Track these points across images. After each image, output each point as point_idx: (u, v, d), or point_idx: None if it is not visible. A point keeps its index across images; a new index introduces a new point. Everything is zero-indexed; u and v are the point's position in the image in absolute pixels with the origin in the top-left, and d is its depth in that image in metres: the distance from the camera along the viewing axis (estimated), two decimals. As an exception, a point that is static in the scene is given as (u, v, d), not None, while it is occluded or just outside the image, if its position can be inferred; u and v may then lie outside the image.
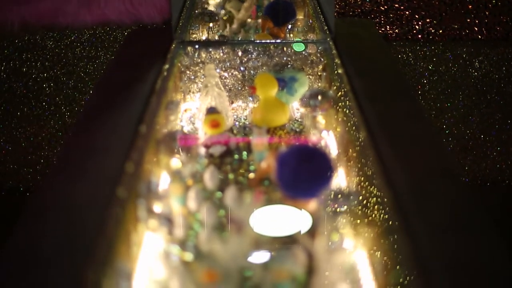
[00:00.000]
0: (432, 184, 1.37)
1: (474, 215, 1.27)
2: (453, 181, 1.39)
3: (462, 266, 1.12)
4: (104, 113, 1.71)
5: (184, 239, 1.61)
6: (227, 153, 2.00)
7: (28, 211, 1.29)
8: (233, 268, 1.38)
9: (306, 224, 1.54)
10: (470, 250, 1.17)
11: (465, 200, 1.32)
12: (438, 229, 1.22)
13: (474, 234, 1.21)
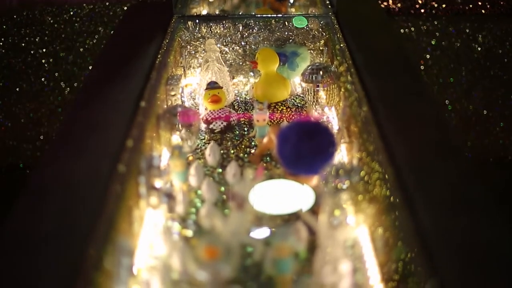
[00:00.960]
0: (434, 160, 1.36)
1: (477, 191, 1.27)
2: (456, 157, 1.38)
3: (463, 242, 1.12)
4: (104, 89, 1.70)
5: (185, 215, 1.60)
6: (227, 129, 1.99)
7: (28, 188, 1.29)
8: (234, 244, 1.38)
9: (308, 200, 1.53)
10: (472, 226, 1.16)
11: (468, 176, 1.31)
12: (440, 205, 1.22)
13: (476, 210, 1.21)
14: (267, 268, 1.40)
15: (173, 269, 1.41)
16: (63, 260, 1.08)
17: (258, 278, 1.39)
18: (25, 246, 1.12)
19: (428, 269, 1.06)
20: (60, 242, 1.13)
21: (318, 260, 1.33)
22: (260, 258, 1.44)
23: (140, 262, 1.42)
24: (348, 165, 1.47)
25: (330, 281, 1.31)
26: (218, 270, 1.26)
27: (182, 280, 1.36)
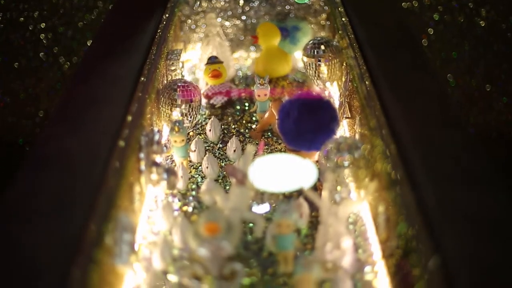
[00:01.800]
0: (436, 135, 1.35)
1: (479, 166, 1.25)
2: (458, 132, 1.37)
3: (466, 217, 1.11)
4: (103, 64, 1.68)
5: (185, 191, 1.60)
6: (228, 104, 1.98)
7: (27, 163, 1.28)
8: (234, 220, 1.37)
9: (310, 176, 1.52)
10: (475, 201, 1.15)
11: (470, 152, 1.30)
12: (443, 180, 1.20)
13: (479, 185, 1.20)
14: (268, 244, 1.40)
15: (174, 245, 1.40)
16: (63, 236, 1.07)
17: (259, 254, 1.38)
18: (24, 221, 1.11)
19: (431, 245, 1.05)
20: (60, 218, 1.12)
21: (320, 236, 1.32)
22: (261, 234, 1.43)
23: (140, 238, 1.42)
24: (350, 141, 1.46)
25: (332, 257, 1.31)
26: (218, 246, 1.25)
27: (183, 256, 1.35)
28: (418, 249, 1.06)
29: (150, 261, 1.36)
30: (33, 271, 1.00)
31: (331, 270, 1.31)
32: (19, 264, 1.02)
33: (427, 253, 1.04)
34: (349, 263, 1.31)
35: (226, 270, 1.27)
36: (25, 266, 1.01)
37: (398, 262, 1.16)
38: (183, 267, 1.31)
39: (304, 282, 1.14)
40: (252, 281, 1.28)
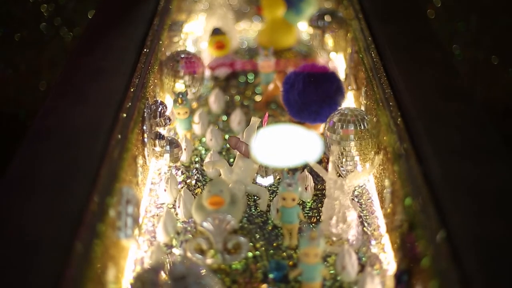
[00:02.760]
0: (443, 108, 1.33)
1: (486, 139, 1.24)
2: (465, 105, 1.35)
3: (472, 191, 1.10)
4: (106, 36, 1.66)
5: (189, 164, 1.59)
6: (232, 76, 1.96)
7: (29, 135, 1.27)
8: (238, 193, 1.36)
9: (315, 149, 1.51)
10: (481, 175, 1.14)
11: (477, 125, 1.28)
12: (449, 152, 1.19)
13: (485, 159, 1.18)
14: (272, 218, 1.39)
15: (177, 218, 1.39)
16: (65, 209, 1.07)
17: (264, 227, 1.37)
18: (26, 195, 1.11)
19: (437, 219, 1.04)
20: (62, 191, 1.11)
21: (325, 210, 1.31)
22: (265, 207, 1.42)
23: (144, 211, 1.41)
24: (356, 113, 1.45)
25: (337, 231, 1.30)
26: (222, 219, 1.24)
27: (186, 229, 1.35)
28: (423, 223, 1.05)
29: (153, 234, 1.35)
30: (36, 245, 0.99)
31: (336, 244, 1.30)
32: (22, 237, 1.01)
33: (432, 227, 1.03)
34: (354, 237, 1.31)
35: (230, 244, 1.26)
36: (28, 240, 1.00)
37: (404, 236, 1.15)
38: (186, 240, 1.31)
39: (309, 256, 1.13)
40: (256, 254, 1.28)
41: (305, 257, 1.14)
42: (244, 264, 1.26)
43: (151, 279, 1.01)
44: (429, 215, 1.05)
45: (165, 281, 1.01)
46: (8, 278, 0.94)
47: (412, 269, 1.09)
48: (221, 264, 1.25)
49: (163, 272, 1.02)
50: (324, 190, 1.33)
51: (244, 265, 1.26)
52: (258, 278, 1.24)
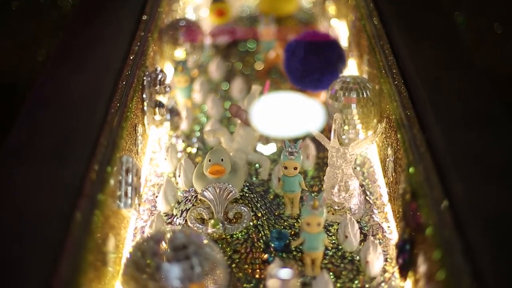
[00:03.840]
0: (446, 76, 1.32)
1: (489, 108, 1.23)
2: (468, 73, 1.34)
3: (475, 160, 1.09)
4: (104, 3, 1.64)
5: (189, 132, 1.57)
6: (233, 44, 1.94)
7: (29, 105, 1.25)
8: (240, 161, 1.35)
9: (317, 118, 1.50)
10: (484, 144, 1.13)
11: (480, 93, 1.27)
12: (452, 121, 1.18)
13: (489, 127, 1.17)
14: (274, 186, 1.38)
15: (178, 187, 1.38)
16: (65, 179, 1.06)
17: (265, 196, 1.36)
18: (25, 164, 1.10)
19: (440, 189, 1.03)
20: (62, 160, 1.10)
21: (327, 178, 1.30)
22: (266, 176, 1.41)
23: (144, 180, 1.40)
24: (358, 80, 1.43)
25: (339, 199, 1.29)
26: (223, 188, 1.23)
27: (187, 198, 1.34)
28: (426, 192, 1.04)
29: (154, 204, 1.34)
30: (35, 215, 0.98)
31: (338, 213, 1.29)
32: (21, 207, 1.00)
33: (436, 197, 1.02)
34: (356, 206, 1.30)
35: (231, 213, 1.25)
36: (27, 210, 1.00)
37: (406, 205, 1.14)
38: (187, 209, 1.30)
39: (311, 225, 1.12)
40: (257, 224, 1.27)
41: (307, 226, 1.13)
42: (245, 233, 1.26)
43: (151, 249, 1.01)
44: (432, 184, 1.04)
45: (166, 250, 1.00)
46: (8, 249, 0.93)
47: (415, 238, 1.08)
48: (222, 234, 1.24)
49: (164, 242, 1.01)
50: (326, 158, 1.32)
51: (245, 234, 1.25)
52: (260, 248, 1.23)
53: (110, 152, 1.14)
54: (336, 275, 1.18)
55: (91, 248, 0.97)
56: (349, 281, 1.17)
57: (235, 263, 1.20)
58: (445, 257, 0.93)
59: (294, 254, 1.22)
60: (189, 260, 0.99)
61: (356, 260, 1.21)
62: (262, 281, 1.16)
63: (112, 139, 1.17)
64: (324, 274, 1.12)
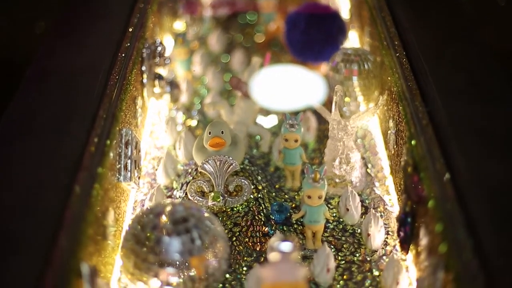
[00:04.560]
0: (449, 48, 1.31)
1: (492, 80, 1.22)
2: (471, 46, 1.32)
3: (478, 132, 1.08)
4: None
5: (189, 105, 1.56)
6: (233, 16, 1.92)
7: (28, 78, 1.24)
8: (240, 133, 1.34)
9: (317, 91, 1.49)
10: (487, 115, 1.12)
11: (483, 65, 1.26)
12: (455, 94, 1.17)
13: (492, 99, 1.16)
14: (274, 159, 1.37)
15: (178, 160, 1.38)
16: (64, 152, 1.05)
17: (266, 169, 1.36)
18: (25, 138, 1.09)
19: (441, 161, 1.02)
20: (61, 133, 1.09)
21: (328, 151, 1.29)
22: (267, 149, 1.40)
23: (144, 153, 1.39)
24: (359, 52, 1.42)
25: (340, 172, 1.28)
26: (223, 161, 1.22)
27: (187, 171, 1.33)
28: (428, 165, 1.03)
29: (154, 177, 1.34)
30: (35, 188, 0.98)
31: (339, 186, 1.29)
32: (21, 180, 1.00)
33: (437, 169, 1.01)
34: (357, 179, 1.29)
35: (232, 186, 1.25)
36: (27, 183, 0.99)
37: (408, 178, 1.13)
38: (187, 182, 1.29)
39: (312, 198, 1.12)
40: (258, 196, 1.26)
41: (308, 199, 1.12)
42: (245, 206, 1.25)
43: (151, 222, 1.00)
44: (434, 157, 1.03)
45: (166, 224, 0.99)
46: (8, 220, 0.93)
47: (416, 211, 1.07)
48: (222, 207, 1.24)
49: (164, 215, 1.00)
50: (327, 131, 1.31)
51: (245, 207, 1.25)
52: (260, 221, 1.23)
53: (109, 124, 1.13)
54: (337, 248, 1.17)
55: (91, 221, 0.96)
56: (350, 254, 1.16)
57: (235, 236, 1.20)
58: (446, 230, 0.92)
59: (295, 227, 1.22)
60: (189, 234, 0.99)
61: (357, 233, 1.21)
62: (263, 254, 1.16)
63: (112, 111, 1.16)
64: (325, 247, 1.12)
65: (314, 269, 1.10)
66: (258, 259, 1.16)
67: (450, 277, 0.88)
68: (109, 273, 1.07)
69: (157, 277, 0.98)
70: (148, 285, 0.99)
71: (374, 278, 1.11)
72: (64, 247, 0.88)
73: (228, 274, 1.12)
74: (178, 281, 0.98)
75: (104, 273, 1.03)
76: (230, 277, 1.12)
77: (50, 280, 0.83)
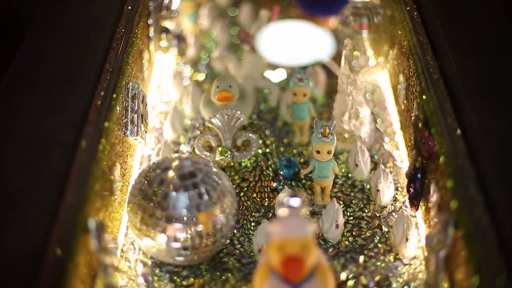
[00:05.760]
0: (460, 2, 1.28)
1: (503, 36, 1.20)
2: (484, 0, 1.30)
3: (488, 87, 1.06)
4: None
5: (196, 59, 1.55)
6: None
7: (33, 32, 1.23)
8: (248, 88, 1.33)
9: (326, 43, 1.47)
10: (498, 71, 1.10)
11: (495, 21, 1.24)
12: (466, 49, 1.15)
13: (503, 55, 1.15)
14: (283, 114, 1.36)
15: (185, 114, 1.37)
16: (71, 106, 1.04)
17: (274, 124, 1.34)
18: (30, 92, 1.08)
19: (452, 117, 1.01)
20: (67, 87, 1.08)
21: (337, 106, 1.28)
22: (275, 103, 1.39)
23: (151, 108, 1.38)
24: (369, 5, 1.39)
25: (349, 127, 1.27)
26: (231, 115, 1.21)
27: (195, 125, 1.32)
28: (439, 120, 1.02)
29: (161, 131, 1.33)
30: (40, 142, 0.97)
31: (348, 141, 1.28)
32: (26, 134, 0.99)
33: (448, 125, 0.99)
34: (367, 134, 1.28)
35: (240, 140, 1.24)
36: (33, 138, 0.98)
37: (418, 133, 1.12)
38: (194, 137, 1.28)
39: (321, 153, 1.11)
40: (266, 151, 1.25)
41: (317, 154, 1.11)
42: (254, 161, 1.24)
43: (158, 177, 0.99)
44: (445, 112, 1.01)
45: (173, 179, 0.99)
46: (15, 176, 0.92)
47: (427, 167, 1.06)
48: (230, 162, 1.23)
49: (171, 170, 1.00)
50: (336, 85, 1.29)
51: (253, 162, 1.24)
52: (269, 176, 1.22)
53: (115, 78, 1.11)
54: (346, 204, 1.17)
55: (98, 176, 0.96)
56: (359, 210, 1.16)
57: (243, 192, 1.19)
58: (457, 186, 0.91)
59: (303, 183, 1.21)
60: (196, 189, 0.98)
61: (366, 189, 1.20)
62: (271, 210, 1.16)
63: (118, 65, 1.14)
64: (334, 202, 1.11)
65: (322, 225, 1.10)
66: (266, 214, 1.15)
67: (460, 233, 0.88)
68: (116, 229, 1.07)
69: (164, 232, 0.98)
70: (155, 240, 0.99)
71: (383, 234, 1.11)
72: (71, 203, 0.87)
73: (236, 229, 1.11)
74: (186, 237, 0.98)
75: (111, 229, 1.02)
76: (238, 233, 1.12)
77: (57, 235, 0.82)
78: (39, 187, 0.90)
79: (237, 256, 1.08)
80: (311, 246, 0.85)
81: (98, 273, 0.91)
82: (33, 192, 0.89)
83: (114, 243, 0.93)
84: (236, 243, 1.10)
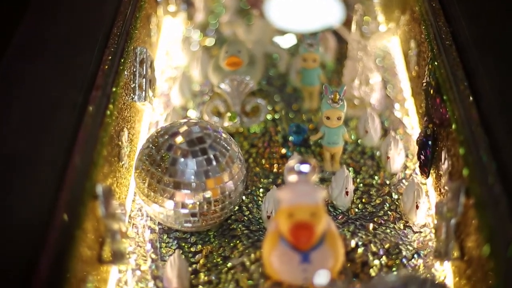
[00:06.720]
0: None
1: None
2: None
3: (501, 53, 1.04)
4: None
5: (205, 24, 1.53)
6: None
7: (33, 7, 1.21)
8: (257, 53, 1.32)
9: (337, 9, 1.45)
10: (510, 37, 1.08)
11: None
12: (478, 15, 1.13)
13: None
14: (292, 79, 1.35)
15: (193, 80, 1.35)
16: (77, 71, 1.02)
17: (283, 89, 1.33)
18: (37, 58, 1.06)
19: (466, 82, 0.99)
20: (74, 51, 1.07)
21: (348, 72, 1.26)
22: (285, 69, 1.38)
23: (159, 73, 1.36)
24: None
25: (360, 93, 1.25)
26: (240, 80, 1.20)
27: (203, 91, 1.31)
28: (451, 86, 1.00)
29: (169, 97, 1.32)
30: (48, 107, 0.96)
31: (359, 107, 1.26)
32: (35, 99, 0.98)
33: (461, 91, 0.98)
34: (377, 100, 1.26)
35: (249, 106, 1.22)
36: (40, 102, 0.97)
37: (429, 100, 1.10)
38: (203, 103, 1.27)
39: (330, 119, 1.09)
40: (275, 117, 1.24)
41: (327, 120, 1.10)
42: (263, 127, 1.23)
43: (166, 143, 0.98)
44: (458, 79, 1.00)
45: (181, 144, 0.98)
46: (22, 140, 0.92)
47: (438, 134, 1.05)
48: (239, 127, 1.22)
49: (179, 136, 0.99)
50: (346, 51, 1.27)
51: (263, 128, 1.23)
52: (278, 142, 1.21)
53: (123, 42, 1.10)
54: (355, 171, 1.16)
55: (105, 141, 0.95)
56: (369, 177, 1.15)
57: (252, 158, 1.18)
58: (469, 153, 0.90)
59: (312, 149, 1.20)
60: (205, 155, 0.97)
61: (376, 156, 1.19)
62: (280, 176, 1.15)
63: (126, 29, 1.13)
64: (343, 169, 1.10)
65: (332, 192, 1.09)
66: (275, 181, 1.15)
67: (471, 201, 0.86)
68: (124, 195, 1.06)
69: (172, 198, 0.97)
70: (163, 206, 0.98)
71: (393, 202, 1.10)
72: (78, 168, 0.86)
73: (244, 196, 1.11)
74: (194, 203, 0.97)
75: (118, 194, 1.02)
76: (247, 199, 1.11)
77: (65, 201, 0.82)
78: (46, 152, 0.89)
79: (245, 222, 1.07)
80: (320, 213, 0.84)
81: (105, 239, 0.90)
82: (40, 157, 0.89)
83: (121, 209, 0.92)
84: (245, 209, 1.09)
